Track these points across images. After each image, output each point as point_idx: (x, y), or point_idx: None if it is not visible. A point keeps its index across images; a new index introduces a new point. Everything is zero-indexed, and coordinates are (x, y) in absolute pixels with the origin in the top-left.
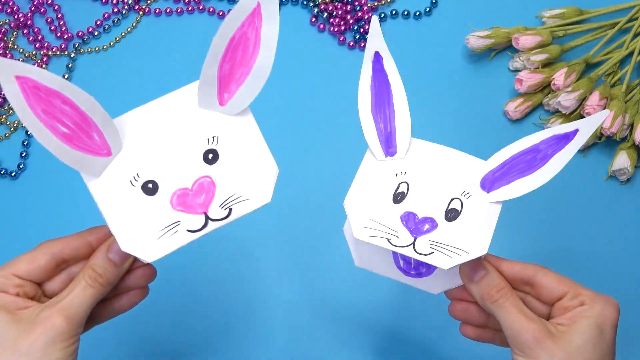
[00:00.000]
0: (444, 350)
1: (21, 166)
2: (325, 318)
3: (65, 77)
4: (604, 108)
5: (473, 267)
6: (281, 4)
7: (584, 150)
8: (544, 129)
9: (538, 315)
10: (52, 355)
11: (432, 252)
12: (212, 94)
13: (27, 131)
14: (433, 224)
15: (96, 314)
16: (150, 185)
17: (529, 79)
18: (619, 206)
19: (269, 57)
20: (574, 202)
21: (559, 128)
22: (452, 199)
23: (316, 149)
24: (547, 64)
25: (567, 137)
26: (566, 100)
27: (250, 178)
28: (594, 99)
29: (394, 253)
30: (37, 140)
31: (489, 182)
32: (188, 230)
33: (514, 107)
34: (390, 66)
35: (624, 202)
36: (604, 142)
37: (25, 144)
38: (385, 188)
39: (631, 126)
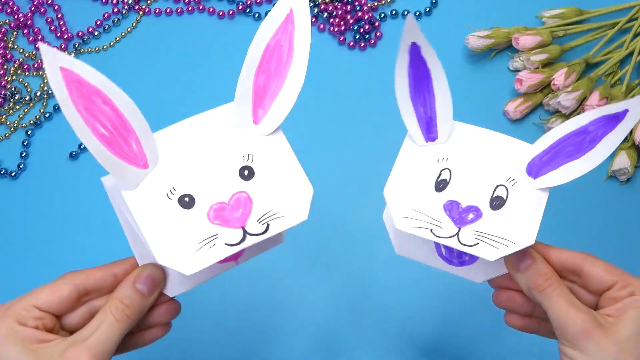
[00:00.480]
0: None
1: (21, 166)
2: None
3: None
4: None
5: (519, 256)
6: None
7: None
8: (544, 129)
9: (586, 305)
10: None
11: (477, 243)
12: (247, 111)
13: (27, 131)
14: (478, 213)
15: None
16: (186, 199)
17: (529, 79)
18: (619, 206)
19: (302, 66)
20: (574, 202)
21: (608, 108)
22: (497, 186)
23: (316, 148)
24: (547, 64)
25: (617, 118)
26: (566, 100)
27: (285, 196)
28: (594, 99)
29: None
30: (78, 138)
31: (536, 167)
32: (226, 244)
33: (514, 107)
34: (429, 54)
35: (624, 202)
36: None
37: (25, 144)
38: (426, 175)
39: None
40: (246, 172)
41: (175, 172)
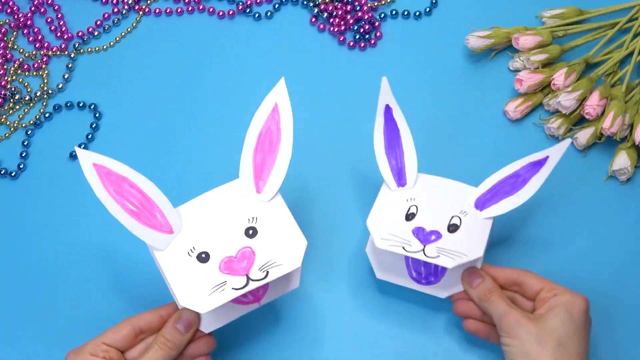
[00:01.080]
0: None
1: (21, 166)
2: None
3: (65, 77)
4: (604, 108)
5: (472, 276)
6: (281, 4)
7: (584, 150)
8: (543, 129)
9: (524, 310)
10: None
11: (439, 256)
12: (250, 183)
13: (27, 131)
14: (438, 235)
15: None
16: (203, 255)
17: (529, 79)
18: (619, 206)
19: (288, 144)
20: (574, 202)
21: (533, 156)
22: (452, 216)
23: (316, 148)
24: (547, 64)
25: (540, 163)
26: (566, 100)
27: (283, 249)
28: (594, 99)
29: (407, 266)
30: (112, 214)
31: (481, 203)
32: (233, 288)
33: (514, 107)
34: (398, 116)
35: (624, 202)
36: (604, 142)
37: (25, 144)
38: (398, 210)
39: (631, 126)
40: (250, 232)
41: (195, 235)
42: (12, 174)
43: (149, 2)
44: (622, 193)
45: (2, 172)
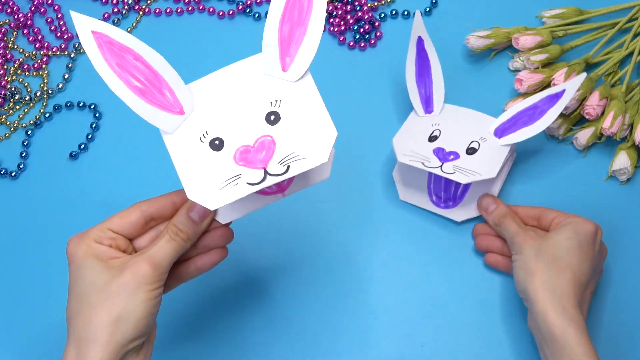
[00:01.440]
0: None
1: (21, 166)
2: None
3: (65, 77)
4: (604, 108)
5: (487, 201)
6: None
7: (584, 150)
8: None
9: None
10: (138, 295)
11: (454, 172)
12: (275, 58)
13: (27, 131)
14: (456, 155)
15: (182, 272)
16: (217, 142)
17: (529, 79)
18: (619, 206)
19: (321, 13)
20: (574, 202)
21: (551, 90)
22: (472, 141)
23: None
24: (547, 64)
25: (557, 96)
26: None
27: (309, 139)
28: (594, 99)
29: (429, 190)
30: (113, 92)
31: (500, 131)
32: (248, 183)
33: None
34: (430, 47)
35: (624, 202)
36: (604, 142)
37: (25, 144)
38: (423, 132)
39: (631, 126)
40: (272, 117)
41: (208, 117)
42: (12, 174)
43: (149, 2)
44: (622, 193)
45: (2, 172)
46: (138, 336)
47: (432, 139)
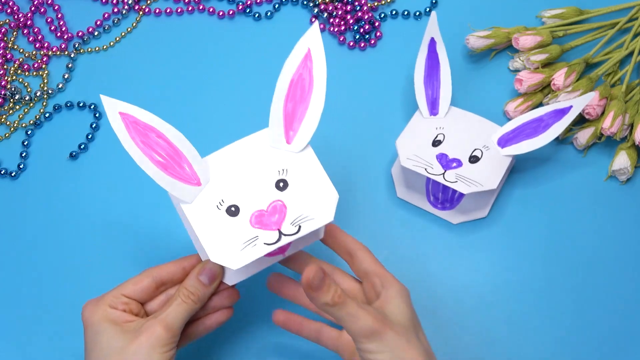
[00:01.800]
0: None
1: (21, 166)
2: None
3: (65, 77)
4: (604, 108)
5: (318, 285)
6: (281, 3)
7: (584, 150)
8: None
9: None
10: (154, 357)
11: (456, 181)
12: (280, 133)
13: (27, 131)
14: (459, 163)
15: (191, 331)
16: (233, 209)
17: (529, 79)
18: (619, 206)
19: (321, 92)
20: (574, 202)
21: (558, 104)
22: (475, 149)
23: (316, 147)
24: (547, 64)
25: (564, 112)
26: (566, 100)
27: (314, 202)
28: (594, 99)
29: (427, 190)
30: (139, 166)
31: (504, 141)
32: (265, 243)
33: (514, 107)
34: (441, 50)
35: (624, 202)
36: (604, 142)
37: (25, 144)
38: (427, 136)
39: (631, 126)
40: (281, 184)
41: (223, 187)
42: (12, 174)
43: (149, 2)
44: (622, 193)
45: (2, 172)
46: None
47: (435, 143)
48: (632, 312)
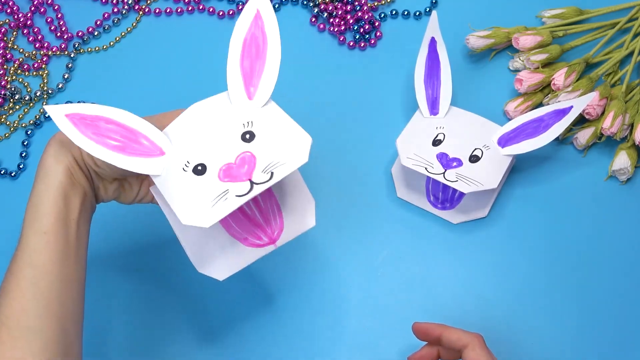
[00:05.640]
0: None
1: (21, 166)
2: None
3: (65, 77)
4: (604, 108)
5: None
6: (281, 3)
7: (584, 150)
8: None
9: None
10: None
11: (457, 181)
12: (240, 90)
13: (27, 131)
14: (459, 162)
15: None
16: (199, 167)
17: (529, 79)
18: (619, 206)
19: (276, 47)
20: (574, 202)
21: (558, 105)
22: (475, 148)
23: (316, 147)
24: (547, 64)
25: (564, 112)
26: (566, 100)
27: (285, 148)
28: (594, 99)
29: (427, 190)
30: (97, 157)
31: (504, 140)
32: (237, 196)
33: (514, 107)
34: (441, 49)
35: (624, 202)
36: (604, 142)
37: (25, 144)
38: (427, 135)
39: (631, 126)
40: (247, 136)
41: (187, 149)
42: (12, 174)
43: (149, 2)
44: (622, 193)
45: (2, 172)
46: None
47: (436, 142)
48: (633, 312)
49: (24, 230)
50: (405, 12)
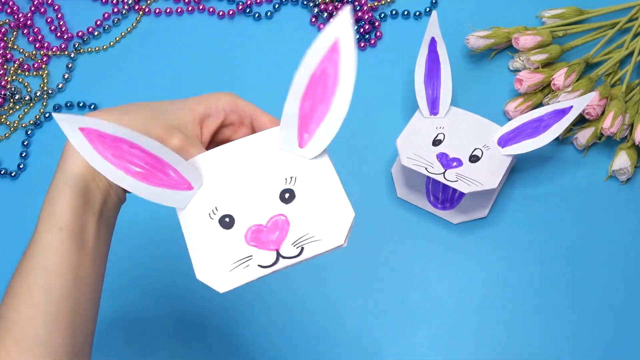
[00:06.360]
0: None
1: (21, 166)
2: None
3: (65, 77)
4: (604, 108)
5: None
6: (281, 4)
7: (584, 150)
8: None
9: None
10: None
11: (457, 181)
12: (293, 134)
13: (27, 131)
14: (459, 162)
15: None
16: (227, 219)
17: (529, 79)
18: (619, 206)
19: (348, 93)
20: (574, 202)
21: (558, 105)
22: (475, 148)
23: None
24: (547, 64)
25: (564, 112)
26: (566, 100)
27: (324, 220)
28: (594, 99)
29: (427, 190)
30: (115, 183)
31: (504, 140)
32: (259, 266)
33: (514, 107)
34: (442, 49)
35: (624, 202)
36: (604, 142)
37: (25, 144)
38: (427, 135)
39: (631, 126)
40: (287, 195)
41: (218, 192)
42: (12, 174)
43: (149, 2)
44: (622, 193)
45: (2, 172)
46: None
47: (436, 142)
48: (633, 312)
49: (38, 224)
50: (405, 12)
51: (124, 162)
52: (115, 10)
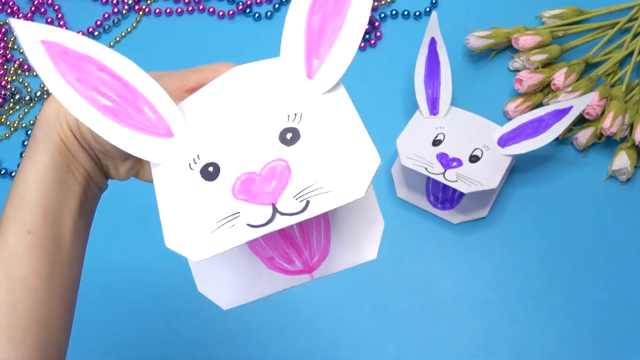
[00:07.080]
0: None
1: None
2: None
3: None
4: (604, 108)
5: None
6: (281, 4)
7: (584, 150)
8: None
9: None
10: None
11: (457, 181)
12: (299, 59)
13: (27, 131)
14: (459, 162)
15: None
16: (210, 169)
17: (529, 79)
18: (619, 206)
19: (366, 4)
20: (574, 202)
21: (558, 105)
22: (475, 148)
23: None
24: (547, 64)
25: (564, 112)
26: (566, 100)
27: (338, 166)
28: (594, 99)
29: (427, 190)
30: (76, 117)
31: (504, 140)
32: (249, 225)
33: (514, 107)
34: (442, 50)
35: (624, 202)
36: (604, 142)
37: (25, 144)
38: (427, 135)
39: (631, 126)
40: (289, 135)
41: (203, 137)
42: (12, 174)
43: (149, 2)
44: (622, 193)
45: (2, 172)
46: None
47: (436, 142)
48: (633, 312)
49: (3, 226)
50: (405, 12)
51: (89, 90)
52: (115, 10)
